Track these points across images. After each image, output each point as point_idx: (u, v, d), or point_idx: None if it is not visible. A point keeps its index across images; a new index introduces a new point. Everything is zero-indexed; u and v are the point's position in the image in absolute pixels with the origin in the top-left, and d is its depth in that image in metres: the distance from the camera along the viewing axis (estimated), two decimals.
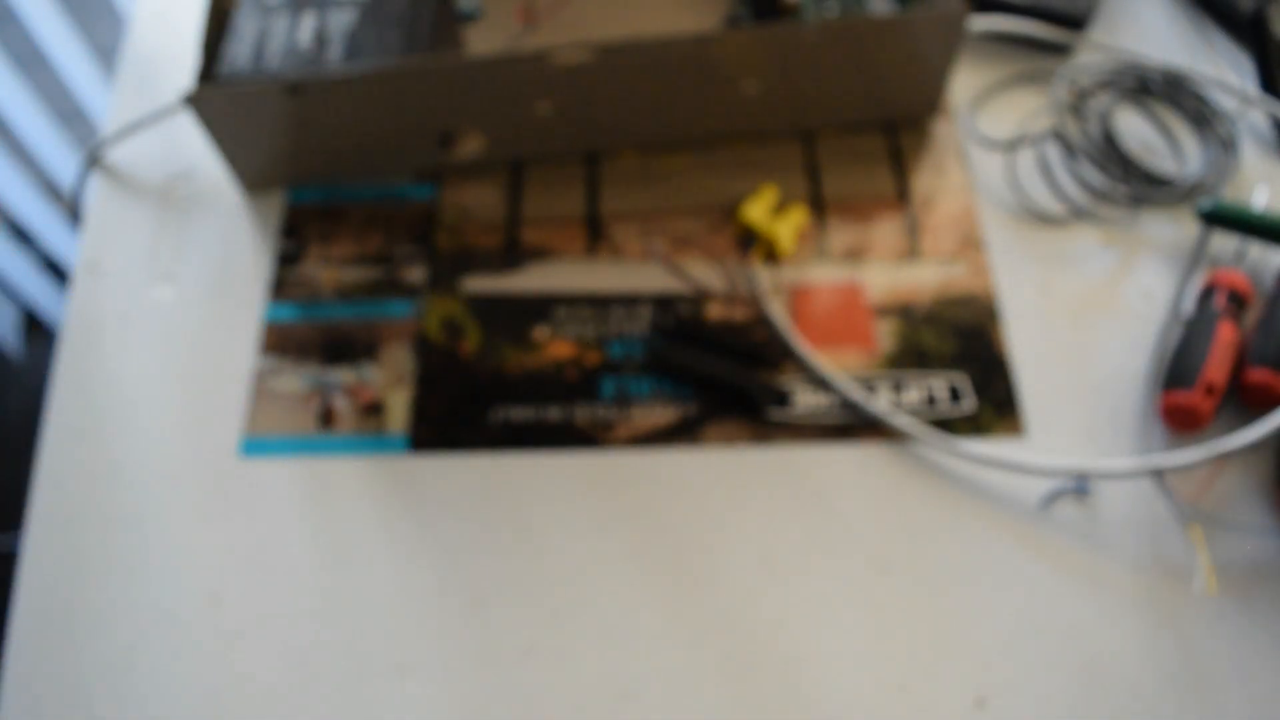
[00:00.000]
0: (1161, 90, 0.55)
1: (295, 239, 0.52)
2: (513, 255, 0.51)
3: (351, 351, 0.48)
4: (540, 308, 0.49)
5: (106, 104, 0.59)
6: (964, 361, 0.47)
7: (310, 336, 0.49)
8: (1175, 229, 0.51)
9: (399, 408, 0.47)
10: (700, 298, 0.49)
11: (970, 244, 0.51)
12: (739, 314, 0.49)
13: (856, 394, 0.46)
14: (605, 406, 0.47)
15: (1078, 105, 0.54)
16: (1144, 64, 0.55)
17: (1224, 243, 0.50)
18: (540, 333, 0.49)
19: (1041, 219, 0.52)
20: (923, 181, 0.53)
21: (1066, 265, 0.50)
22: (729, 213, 0.52)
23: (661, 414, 0.46)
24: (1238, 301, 0.46)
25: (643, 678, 0.40)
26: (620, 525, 0.44)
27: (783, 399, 0.47)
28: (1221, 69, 0.56)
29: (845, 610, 0.42)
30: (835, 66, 0.50)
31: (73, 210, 0.56)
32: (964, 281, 0.50)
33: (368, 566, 0.43)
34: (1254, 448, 0.42)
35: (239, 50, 0.50)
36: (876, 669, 0.40)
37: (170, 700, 0.40)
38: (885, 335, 0.48)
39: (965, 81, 0.56)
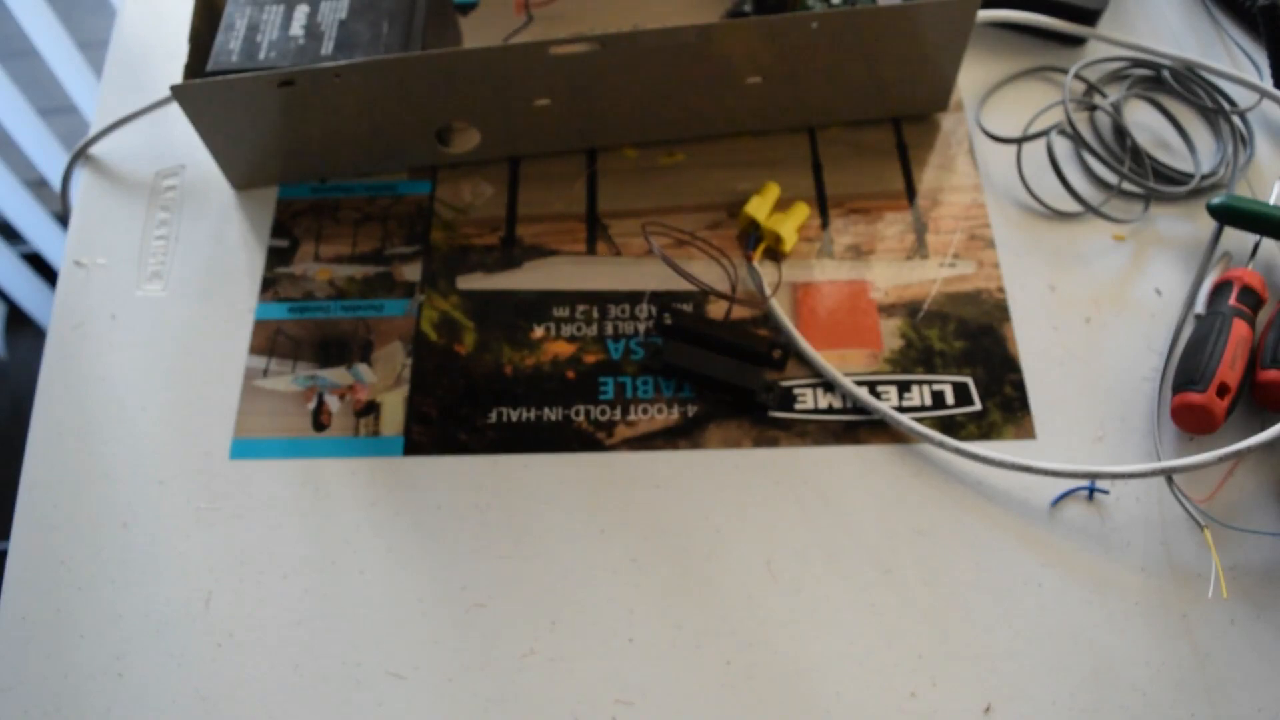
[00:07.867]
0: (1174, 84, 0.54)
1: (287, 236, 0.51)
2: (510, 253, 0.50)
3: (345, 351, 0.48)
4: (538, 306, 0.49)
5: (94, 97, 0.58)
6: (972, 361, 0.47)
7: (303, 336, 0.48)
8: (1188, 225, 0.50)
9: (394, 409, 0.46)
10: (702, 296, 0.49)
11: (978, 241, 0.50)
12: (741, 313, 0.48)
13: (862, 394, 0.45)
14: (604, 407, 0.46)
15: (1089, 99, 0.54)
16: (1156, 57, 0.54)
17: (1239, 239, 0.49)
18: (538, 332, 0.48)
19: (1051, 215, 0.51)
20: (929, 177, 0.52)
21: (1077, 263, 0.49)
22: (731, 210, 0.51)
23: (662, 415, 0.46)
24: (1251, 299, 0.45)
25: (643, 684, 0.40)
26: (620, 528, 0.43)
27: (786, 400, 0.46)
28: (1235, 62, 0.55)
29: (851, 615, 0.41)
30: (840, 59, 0.49)
31: (60, 206, 0.55)
32: (972, 279, 0.49)
33: (362, 571, 0.42)
34: (1267, 449, 0.41)
35: (229, 42, 0.49)
36: (884, 675, 0.40)
37: (161, 707, 0.40)
38: (891, 334, 0.47)
39: (973, 75, 0.55)
